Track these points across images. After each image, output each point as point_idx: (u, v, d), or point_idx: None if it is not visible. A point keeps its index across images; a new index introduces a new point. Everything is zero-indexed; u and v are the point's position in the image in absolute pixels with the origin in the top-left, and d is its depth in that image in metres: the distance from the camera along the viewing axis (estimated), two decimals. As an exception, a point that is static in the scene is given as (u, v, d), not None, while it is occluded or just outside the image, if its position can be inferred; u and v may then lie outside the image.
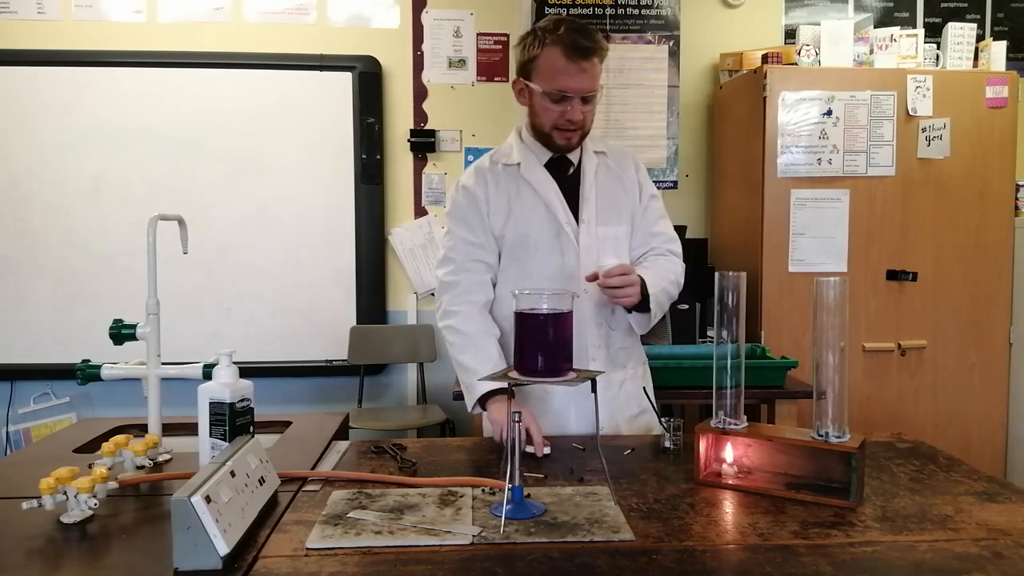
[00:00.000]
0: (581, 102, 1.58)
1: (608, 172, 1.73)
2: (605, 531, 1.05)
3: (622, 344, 1.72)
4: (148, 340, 1.42)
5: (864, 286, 3.01)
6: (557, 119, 1.60)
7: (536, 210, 1.66)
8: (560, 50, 1.54)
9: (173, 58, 3.29)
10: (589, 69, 1.56)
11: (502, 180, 1.69)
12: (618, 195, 1.72)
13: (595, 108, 1.64)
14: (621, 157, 1.77)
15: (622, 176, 1.74)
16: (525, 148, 1.70)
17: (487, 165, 1.72)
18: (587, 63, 1.55)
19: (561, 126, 1.61)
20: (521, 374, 1.14)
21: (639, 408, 1.73)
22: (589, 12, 3.44)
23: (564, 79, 1.55)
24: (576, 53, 1.54)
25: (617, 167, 1.74)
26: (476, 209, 1.68)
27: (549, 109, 1.59)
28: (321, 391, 3.46)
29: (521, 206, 1.67)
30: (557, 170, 1.69)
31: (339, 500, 1.18)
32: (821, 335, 1.18)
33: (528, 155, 1.69)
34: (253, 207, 3.35)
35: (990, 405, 3.11)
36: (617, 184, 1.73)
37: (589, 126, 1.65)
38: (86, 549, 1.03)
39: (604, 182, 1.71)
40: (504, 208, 1.67)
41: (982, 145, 3.04)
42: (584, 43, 1.54)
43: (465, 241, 1.68)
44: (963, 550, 1.00)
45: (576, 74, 1.55)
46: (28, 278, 3.30)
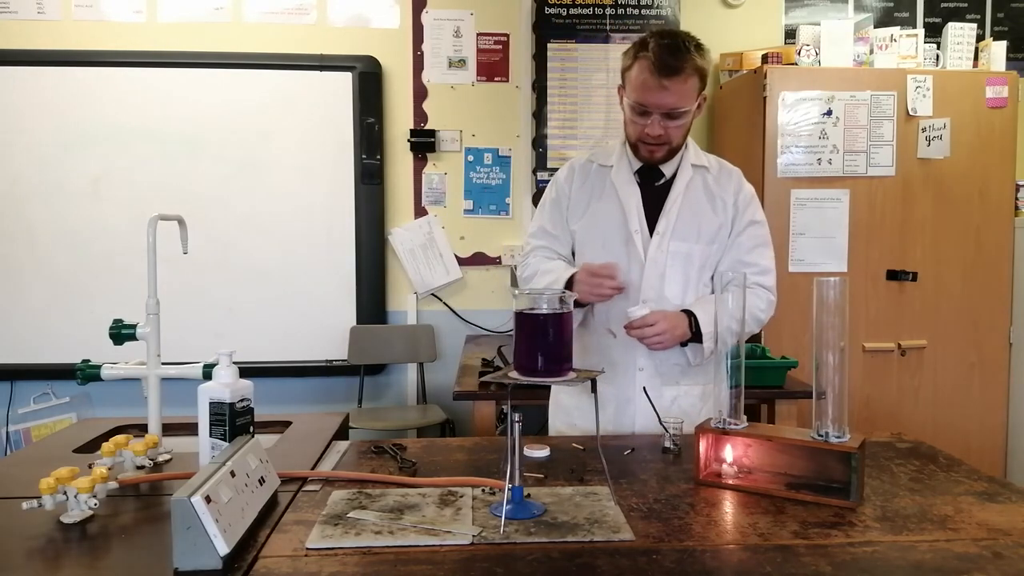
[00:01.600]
0: (664, 118, 1.57)
1: (702, 188, 1.70)
2: (605, 531, 1.05)
3: (677, 360, 1.69)
4: (148, 340, 1.42)
5: (864, 286, 3.01)
6: (640, 132, 1.61)
7: (612, 214, 1.69)
8: (647, 65, 1.55)
9: (173, 58, 3.29)
10: (672, 87, 1.54)
11: (591, 178, 1.74)
12: (704, 213, 1.69)
13: (686, 126, 1.63)
14: (725, 176, 1.73)
15: (718, 195, 1.70)
16: (622, 153, 1.73)
17: (582, 162, 1.78)
18: (670, 81, 1.53)
19: (643, 139, 1.62)
20: (521, 374, 1.14)
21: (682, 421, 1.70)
22: (589, 12, 3.44)
23: (646, 94, 1.56)
24: (660, 70, 1.53)
25: (716, 185, 1.71)
26: (558, 203, 1.76)
27: (634, 121, 1.62)
28: (321, 391, 3.46)
29: (599, 206, 1.71)
30: (648, 179, 1.70)
31: (339, 500, 1.18)
32: (821, 335, 1.18)
33: (622, 159, 1.72)
34: (253, 207, 3.35)
35: (990, 405, 3.11)
36: (707, 202, 1.70)
37: (677, 143, 1.65)
38: (86, 549, 1.03)
39: (693, 197, 1.69)
40: (584, 204, 1.73)
41: (982, 145, 3.04)
42: (669, 61, 1.53)
43: (544, 230, 1.78)
44: (963, 550, 1.00)
45: (657, 90, 1.54)
46: (28, 278, 3.30)
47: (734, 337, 1.45)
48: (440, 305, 3.52)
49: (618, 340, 1.68)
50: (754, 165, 3.03)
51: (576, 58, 3.45)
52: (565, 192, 1.75)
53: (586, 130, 3.45)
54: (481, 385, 2.27)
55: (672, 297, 1.66)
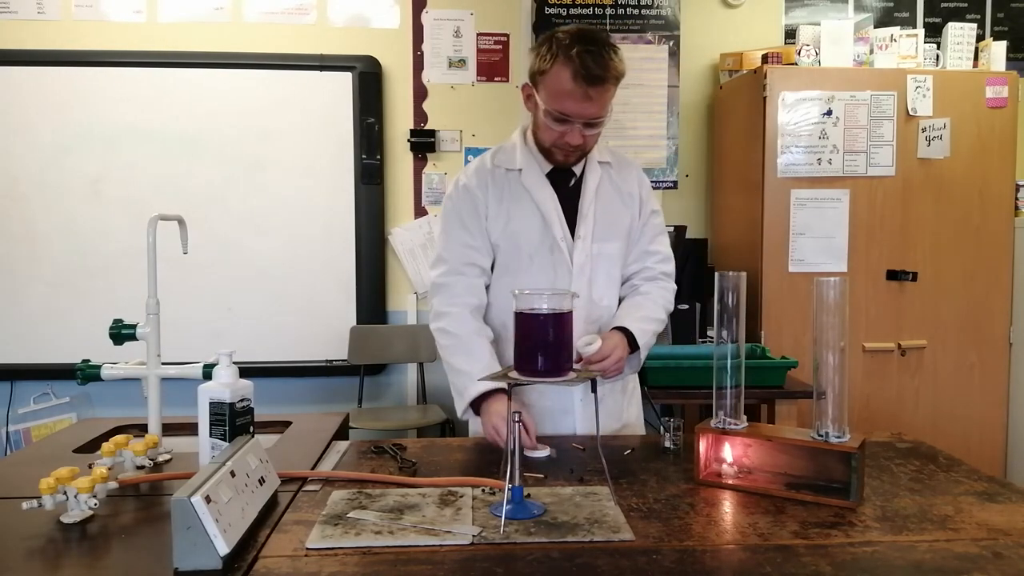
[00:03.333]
0: (584, 126, 1.52)
1: (610, 185, 1.70)
2: (605, 531, 1.05)
3: None
4: (148, 340, 1.42)
5: (864, 286, 3.01)
6: (556, 138, 1.55)
7: (533, 222, 1.63)
8: (569, 72, 1.45)
9: (173, 58, 3.29)
10: (596, 97, 1.47)
11: (502, 184, 1.65)
12: (617, 210, 1.69)
13: (600, 133, 1.58)
14: (625, 169, 1.73)
15: (624, 190, 1.71)
16: (528, 153, 1.66)
17: (488, 166, 1.67)
18: (594, 90, 1.46)
19: (560, 146, 1.57)
20: (521, 374, 1.14)
21: (620, 423, 1.73)
22: (589, 12, 3.44)
23: (568, 103, 1.48)
24: (584, 79, 1.45)
25: (620, 179, 1.71)
26: (475, 211, 1.64)
27: (550, 128, 1.54)
28: (321, 391, 3.46)
29: (519, 215, 1.63)
30: (558, 180, 1.66)
31: (339, 500, 1.18)
32: (821, 335, 1.18)
33: (530, 161, 1.65)
34: (253, 207, 3.35)
35: (990, 405, 3.11)
36: (617, 199, 1.70)
37: (591, 147, 1.62)
38: (86, 549, 1.03)
39: (605, 196, 1.68)
40: (503, 215, 1.64)
41: (982, 145, 3.04)
42: (595, 71, 1.44)
43: (460, 243, 1.64)
44: (963, 550, 1.00)
45: (581, 100, 1.47)
46: (28, 278, 3.30)
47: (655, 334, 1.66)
48: (440, 305, 3.51)
49: None
50: (754, 165, 3.04)
51: (576, 58, 3.45)
52: (481, 199, 1.64)
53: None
54: (481, 385, 2.26)
55: (599, 299, 1.66)
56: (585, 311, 1.62)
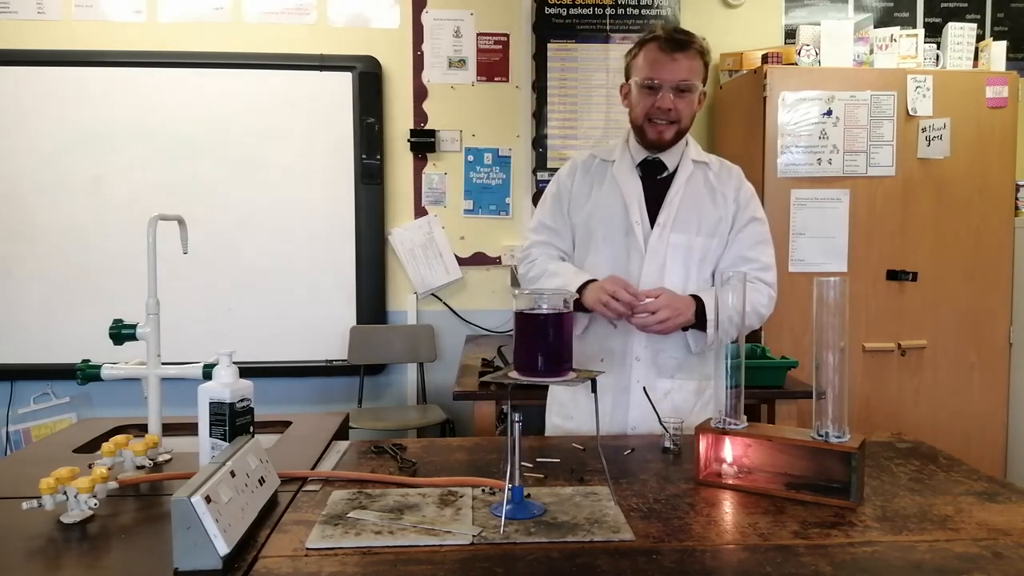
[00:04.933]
0: (674, 92, 1.62)
1: (703, 182, 1.72)
2: (605, 531, 1.05)
3: (673, 354, 1.69)
4: (148, 340, 1.42)
5: (864, 286, 3.01)
6: (649, 108, 1.64)
7: (613, 206, 1.71)
8: (655, 44, 1.63)
9: (173, 58, 3.29)
10: (681, 60, 1.62)
11: (592, 172, 1.77)
12: (705, 206, 1.70)
13: (692, 105, 1.66)
14: (726, 172, 1.75)
15: (718, 190, 1.72)
16: (625, 148, 1.76)
17: (584, 158, 1.81)
18: (680, 54, 1.61)
19: (652, 115, 1.65)
20: (521, 374, 1.14)
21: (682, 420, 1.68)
22: (589, 12, 3.44)
23: (656, 68, 1.62)
24: (669, 44, 1.62)
25: (717, 180, 1.73)
26: (558, 195, 1.78)
27: (643, 99, 1.65)
28: (321, 391, 3.46)
29: (599, 199, 1.73)
30: (649, 172, 1.72)
31: (339, 500, 1.18)
32: (821, 335, 1.18)
33: (625, 154, 1.75)
34: (253, 207, 3.35)
35: (990, 405, 3.11)
36: (708, 196, 1.71)
37: (685, 123, 1.67)
38: (86, 549, 1.03)
39: (694, 190, 1.70)
40: (585, 197, 1.75)
41: (982, 145, 3.04)
42: (677, 36, 1.63)
43: (544, 225, 1.80)
44: (963, 550, 1.00)
45: (667, 63, 1.61)
46: (28, 278, 3.30)
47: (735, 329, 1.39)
48: (440, 305, 3.52)
49: (616, 330, 1.69)
50: (754, 165, 3.03)
51: (576, 58, 3.45)
52: (567, 187, 1.78)
53: (586, 130, 3.45)
54: (481, 385, 2.27)
55: (672, 288, 1.66)
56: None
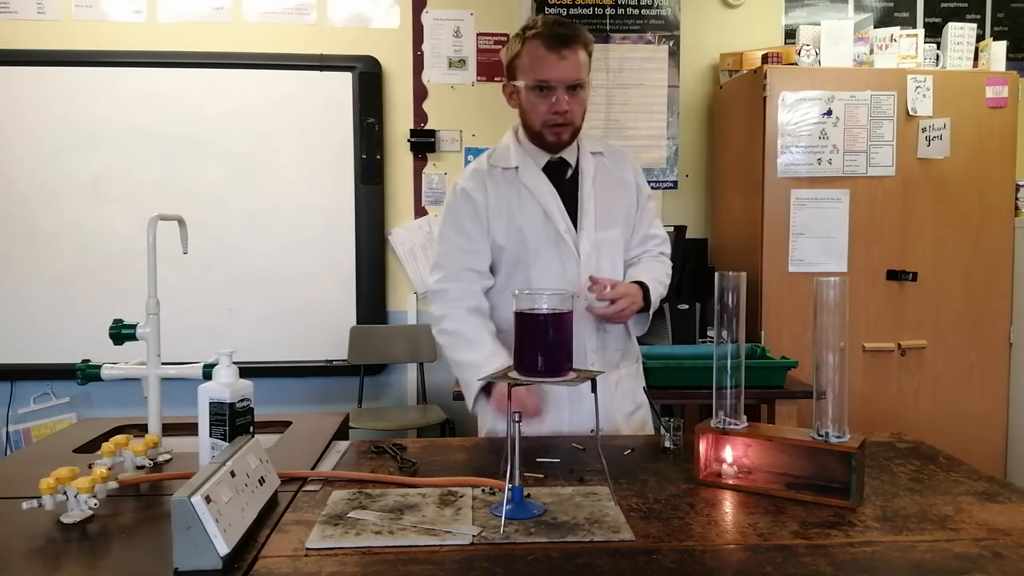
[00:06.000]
0: (567, 93, 1.57)
1: (606, 174, 1.73)
2: (605, 531, 1.05)
3: (616, 346, 1.73)
4: (148, 340, 1.42)
5: (864, 286, 3.01)
6: (544, 114, 1.59)
7: (535, 218, 1.65)
8: (539, 42, 1.55)
9: (173, 58, 3.29)
10: (570, 58, 1.54)
11: (501, 185, 1.66)
12: (617, 198, 1.72)
13: (584, 102, 1.62)
14: (619, 158, 1.77)
15: (620, 178, 1.74)
16: (522, 151, 1.68)
17: (485, 168, 1.69)
18: (567, 51, 1.54)
19: (549, 121, 1.60)
20: (521, 374, 1.14)
21: (634, 405, 1.76)
22: (589, 12, 3.44)
23: (545, 69, 1.55)
24: (555, 42, 1.53)
25: (615, 168, 1.74)
26: (474, 214, 1.65)
27: (536, 104, 1.59)
28: (321, 391, 3.46)
29: (521, 213, 1.65)
30: (555, 174, 1.68)
31: (339, 500, 1.18)
32: (821, 335, 1.18)
33: (526, 158, 1.68)
34: (253, 207, 3.35)
35: (990, 405, 3.11)
36: (615, 187, 1.73)
37: (579, 122, 1.64)
38: (86, 549, 1.03)
39: (602, 185, 1.71)
40: (504, 215, 1.65)
41: (982, 145, 3.04)
42: (561, 32, 1.54)
43: (457, 248, 1.66)
44: (963, 550, 1.00)
45: (556, 63, 1.54)
46: (28, 278, 3.30)
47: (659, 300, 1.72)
48: (440, 305, 3.51)
49: None
50: (754, 165, 3.04)
51: (576, 58, 3.44)
52: (481, 203, 1.65)
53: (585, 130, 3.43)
54: (481, 385, 2.26)
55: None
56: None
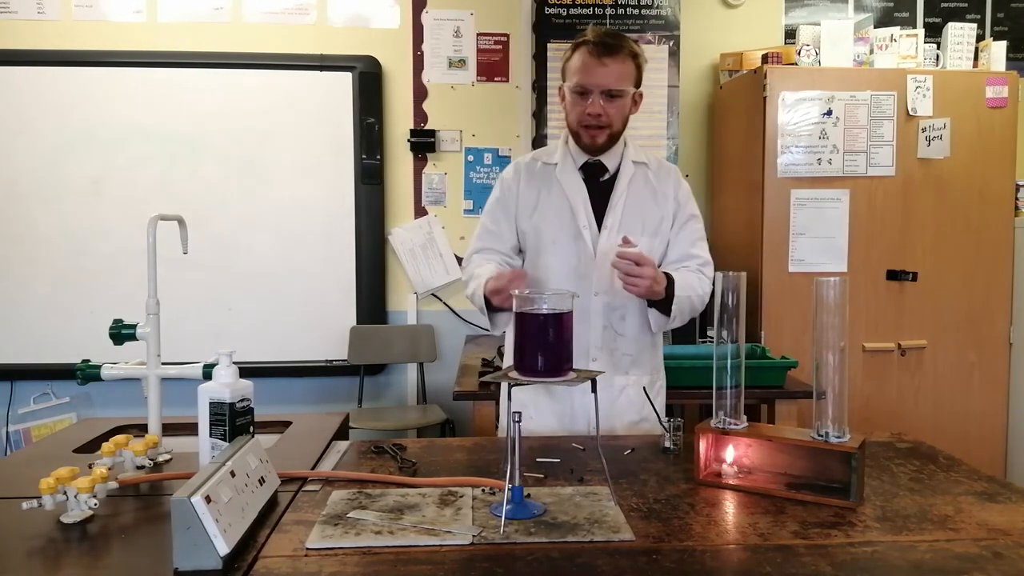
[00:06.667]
0: (604, 98, 1.63)
1: (644, 183, 1.74)
2: (605, 531, 1.05)
3: (627, 351, 1.72)
4: (148, 340, 1.42)
5: (864, 286, 3.01)
6: (580, 115, 1.66)
7: (560, 210, 1.71)
8: (586, 48, 1.63)
9: (173, 58, 3.29)
10: (611, 65, 1.61)
11: (537, 176, 1.76)
12: (649, 207, 1.73)
13: (623, 109, 1.67)
14: (664, 171, 1.78)
15: (659, 190, 1.75)
16: (566, 151, 1.76)
17: (527, 161, 1.80)
18: (609, 59, 1.61)
19: (584, 122, 1.66)
20: (521, 374, 1.14)
21: (639, 416, 1.74)
22: (589, 12, 3.44)
23: (585, 74, 1.63)
24: (598, 49, 1.61)
25: (656, 180, 1.76)
26: (503, 199, 1.77)
27: (574, 105, 1.67)
28: (321, 391, 3.46)
29: (548, 204, 1.73)
30: (592, 175, 1.73)
31: (339, 500, 1.18)
32: (821, 335, 1.18)
33: (567, 156, 1.75)
34: (253, 207, 3.35)
35: (990, 405, 3.11)
36: (650, 196, 1.74)
37: (617, 127, 1.69)
38: (86, 549, 1.03)
39: (637, 192, 1.73)
40: (532, 203, 1.74)
41: (982, 145, 3.04)
42: (608, 41, 1.62)
43: (486, 229, 1.79)
44: (963, 550, 1.00)
45: (596, 68, 1.61)
46: (28, 278, 3.30)
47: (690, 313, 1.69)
48: (440, 305, 3.52)
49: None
50: (754, 165, 3.04)
51: (576, 58, 3.45)
52: (512, 191, 1.77)
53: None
54: (481, 385, 2.27)
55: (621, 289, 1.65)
56: (607, 298, 1.68)
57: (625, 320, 1.71)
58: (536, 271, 1.72)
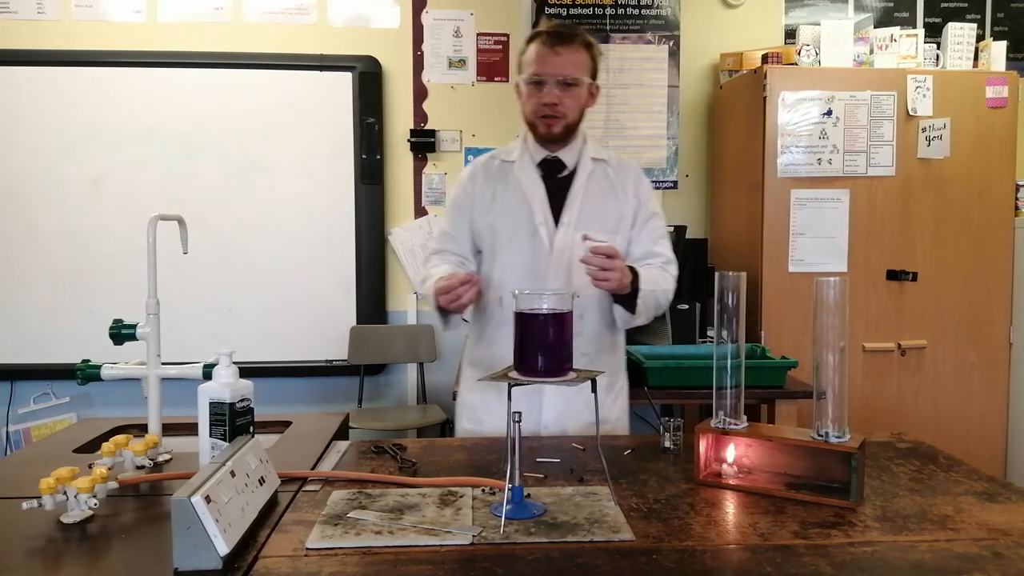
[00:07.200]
0: (559, 87, 1.63)
1: (603, 180, 1.73)
2: (605, 531, 1.05)
3: (585, 350, 1.67)
4: (148, 340, 1.42)
5: (864, 286, 3.01)
6: (536, 105, 1.65)
7: (517, 207, 1.70)
8: (540, 40, 1.64)
9: (173, 58, 3.29)
10: (564, 54, 1.62)
11: (494, 174, 1.76)
12: (608, 204, 1.72)
13: (579, 99, 1.66)
14: (624, 168, 1.77)
15: (619, 187, 1.74)
16: (525, 148, 1.75)
17: (485, 160, 1.80)
18: (563, 48, 1.62)
19: (540, 112, 1.65)
20: (521, 374, 1.14)
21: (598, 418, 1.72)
22: (589, 12, 3.44)
23: (540, 63, 1.63)
24: (551, 39, 1.63)
25: (616, 177, 1.74)
26: (459, 201, 1.77)
27: (530, 96, 1.66)
28: (321, 391, 3.46)
29: (504, 201, 1.72)
30: (550, 171, 1.72)
31: (339, 500, 1.18)
32: (821, 335, 1.18)
33: (524, 154, 1.74)
34: (253, 207, 3.35)
35: (990, 405, 3.11)
36: (610, 193, 1.73)
37: (572, 117, 1.67)
38: (86, 549, 1.03)
39: (595, 188, 1.72)
40: (488, 200, 1.74)
41: (982, 145, 3.04)
42: (561, 31, 1.63)
43: (444, 232, 1.81)
44: (963, 550, 1.00)
45: (550, 57, 1.62)
46: (28, 278, 3.30)
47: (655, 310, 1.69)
48: (440, 305, 3.51)
49: None
50: (754, 165, 3.04)
51: (576, 58, 3.45)
52: (468, 191, 1.77)
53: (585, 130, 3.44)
54: (481, 385, 2.27)
55: (580, 288, 1.63)
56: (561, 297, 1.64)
57: (583, 318, 1.67)
58: (493, 270, 1.71)
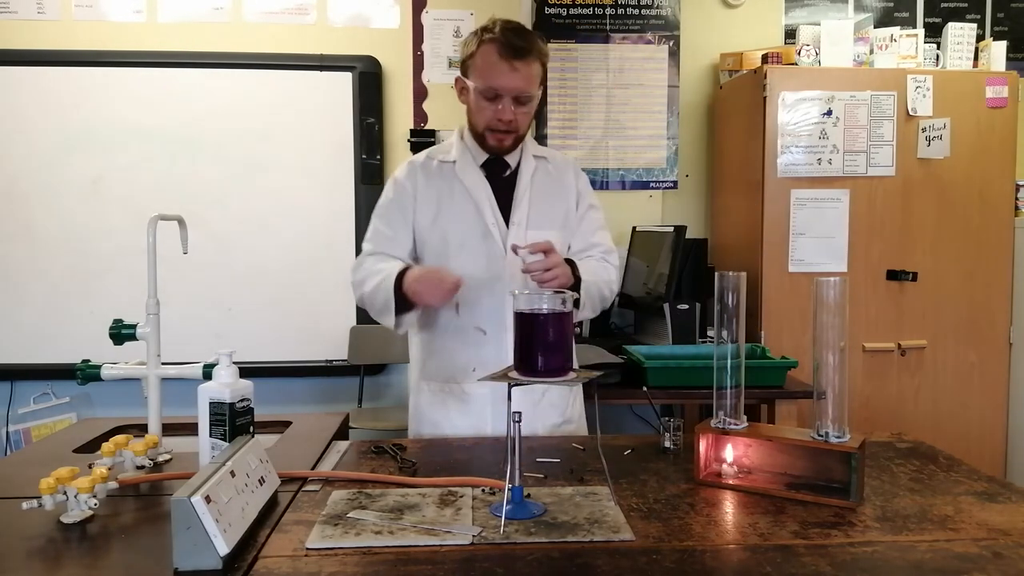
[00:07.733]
0: (514, 103, 1.58)
1: (546, 176, 1.72)
2: (605, 531, 1.05)
3: None
4: (148, 340, 1.42)
5: (864, 286, 3.01)
6: (490, 119, 1.61)
7: (465, 210, 1.67)
8: (494, 48, 1.55)
9: (173, 58, 3.29)
10: (522, 69, 1.56)
11: (435, 176, 1.70)
12: (554, 200, 1.72)
13: (531, 113, 1.63)
14: (562, 164, 1.77)
15: (560, 182, 1.73)
16: (464, 147, 1.71)
17: (422, 160, 1.74)
18: (520, 63, 1.55)
19: (493, 126, 1.62)
20: (521, 374, 1.14)
21: (562, 418, 1.72)
22: (589, 12, 3.44)
23: (495, 76, 1.57)
24: (509, 52, 1.55)
25: (557, 172, 1.74)
26: (399, 203, 1.70)
27: (483, 108, 1.62)
28: (321, 391, 3.46)
29: (451, 205, 1.67)
30: (493, 172, 1.69)
31: (339, 500, 1.18)
32: (821, 335, 1.18)
33: (465, 154, 1.70)
34: (253, 207, 3.35)
35: (990, 405, 3.11)
36: (554, 189, 1.72)
37: (524, 130, 1.65)
38: (86, 549, 1.03)
39: (541, 186, 1.71)
40: (434, 205, 1.68)
41: (982, 145, 3.04)
42: (518, 43, 1.55)
43: (379, 233, 1.71)
44: (963, 550, 1.00)
45: (508, 72, 1.56)
46: (28, 278, 3.30)
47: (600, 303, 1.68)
48: (440, 305, 3.51)
49: (488, 337, 1.67)
50: (754, 165, 3.04)
51: (576, 58, 3.45)
52: (408, 191, 1.70)
53: (586, 130, 3.45)
54: (481, 385, 2.27)
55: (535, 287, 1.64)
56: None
57: None
58: None
